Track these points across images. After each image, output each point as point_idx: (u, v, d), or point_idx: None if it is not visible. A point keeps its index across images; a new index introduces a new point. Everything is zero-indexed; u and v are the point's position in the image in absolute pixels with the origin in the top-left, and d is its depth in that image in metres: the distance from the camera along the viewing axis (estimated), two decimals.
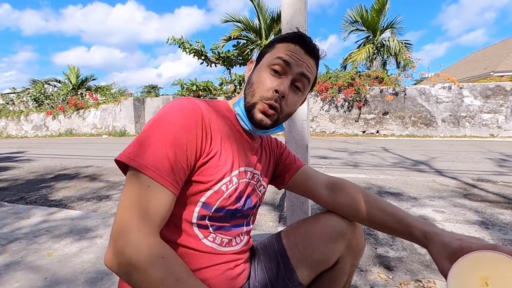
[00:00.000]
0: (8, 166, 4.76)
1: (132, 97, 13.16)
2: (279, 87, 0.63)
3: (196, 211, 0.62)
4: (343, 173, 3.68)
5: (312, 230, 0.75)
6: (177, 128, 0.56)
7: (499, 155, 5.06)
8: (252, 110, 0.65)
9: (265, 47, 0.71)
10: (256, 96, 0.65)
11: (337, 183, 0.80)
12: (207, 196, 0.61)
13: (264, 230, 1.91)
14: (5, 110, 15.40)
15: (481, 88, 9.10)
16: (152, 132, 0.56)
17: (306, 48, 0.66)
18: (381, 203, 0.74)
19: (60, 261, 1.41)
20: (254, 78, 0.67)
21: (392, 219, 0.70)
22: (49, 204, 2.50)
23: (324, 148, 6.42)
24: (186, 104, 0.60)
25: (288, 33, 0.70)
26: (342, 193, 0.77)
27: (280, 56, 0.64)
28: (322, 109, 10.75)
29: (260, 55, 0.71)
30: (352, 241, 0.75)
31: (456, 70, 19.05)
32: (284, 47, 0.66)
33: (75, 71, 16.58)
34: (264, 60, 0.68)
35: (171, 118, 0.57)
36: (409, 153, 5.39)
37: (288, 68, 0.64)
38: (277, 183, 0.86)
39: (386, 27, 13.44)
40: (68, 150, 7.17)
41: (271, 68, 0.65)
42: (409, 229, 0.66)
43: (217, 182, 0.62)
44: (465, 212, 2.15)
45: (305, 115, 1.29)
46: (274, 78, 0.65)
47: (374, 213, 0.72)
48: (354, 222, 0.76)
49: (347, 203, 0.75)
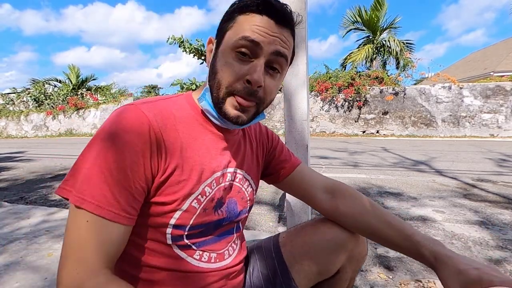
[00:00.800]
0: (8, 166, 4.76)
1: (132, 97, 13.17)
2: (252, 76, 0.51)
3: (168, 233, 0.54)
4: (343, 173, 3.68)
5: (312, 242, 0.70)
6: (117, 149, 0.46)
7: (499, 155, 5.06)
8: (222, 106, 0.54)
9: (224, 20, 0.55)
10: (224, 89, 0.52)
11: (338, 189, 0.72)
12: (177, 217, 0.53)
13: (264, 230, 1.91)
14: (5, 110, 15.39)
15: (481, 88, 9.10)
16: (87, 155, 0.47)
17: (276, 18, 0.52)
18: (387, 215, 0.67)
19: None
20: (217, 65, 0.53)
21: (399, 235, 0.63)
22: (49, 204, 2.50)
23: (324, 148, 6.42)
24: (128, 117, 0.49)
25: (250, 0, 0.53)
26: (343, 201, 0.70)
27: (246, 36, 0.51)
28: (322, 109, 10.74)
29: (219, 32, 0.56)
30: (354, 251, 0.70)
31: (456, 70, 19.04)
32: (248, 20, 0.52)
33: (76, 71, 16.60)
34: (226, 40, 0.53)
35: (109, 137, 0.47)
36: (409, 153, 5.39)
37: (259, 49, 0.51)
38: (270, 180, 0.77)
39: (386, 27, 13.45)
40: (68, 150, 7.17)
41: (237, 51, 0.52)
42: (417, 248, 0.60)
43: (184, 200, 0.53)
44: (465, 212, 2.14)
45: (305, 115, 1.29)
46: (242, 63, 0.52)
47: (379, 227, 0.66)
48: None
49: (350, 213, 0.68)
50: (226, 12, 0.57)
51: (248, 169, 0.67)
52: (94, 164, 0.46)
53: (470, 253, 1.51)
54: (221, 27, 0.56)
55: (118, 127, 0.48)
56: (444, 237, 1.73)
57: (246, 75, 0.51)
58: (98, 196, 0.45)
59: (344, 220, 0.69)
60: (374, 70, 11.68)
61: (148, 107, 0.52)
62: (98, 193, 0.45)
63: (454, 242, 1.64)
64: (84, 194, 0.45)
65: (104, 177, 0.45)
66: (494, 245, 1.58)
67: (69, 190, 0.46)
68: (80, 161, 0.48)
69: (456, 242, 1.64)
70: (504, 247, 1.56)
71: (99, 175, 0.45)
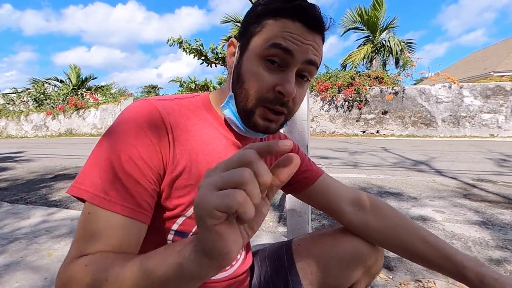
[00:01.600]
0: (8, 166, 4.76)
1: (132, 97, 13.17)
2: (284, 87, 0.47)
3: (169, 239, 0.52)
4: (343, 173, 3.68)
5: (329, 253, 0.66)
6: (128, 139, 0.45)
7: (499, 155, 5.06)
8: (251, 117, 0.51)
9: (249, 23, 0.51)
10: (253, 99, 0.49)
11: (367, 201, 0.67)
12: (179, 223, 0.51)
13: (264, 230, 1.90)
14: (5, 110, 15.41)
15: (481, 88, 9.10)
16: (98, 150, 0.46)
17: (309, 23, 0.48)
18: (422, 231, 0.63)
19: (60, 261, 1.40)
20: (244, 73, 0.50)
21: (438, 254, 0.60)
22: (49, 204, 2.50)
23: (324, 148, 6.42)
24: (141, 110, 0.48)
25: (279, 2, 0.48)
26: (373, 215, 0.66)
27: (278, 43, 0.47)
28: (322, 109, 10.75)
29: (244, 35, 0.52)
30: (372, 268, 0.67)
31: (456, 70, 19.05)
32: (279, 26, 0.47)
33: (76, 71, 16.62)
34: (253, 46, 0.49)
35: (118, 129, 0.46)
36: (409, 153, 5.39)
37: (291, 58, 0.47)
38: (289, 190, 0.72)
39: (386, 27, 13.46)
40: (68, 150, 7.17)
41: (267, 59, 0.48)
42: (460, 270, 0.57)
43: (189, 206, 0.51)
44: (465, 212, 2.14)
45: (305, 115, 1.29)
46: (273, 72, 0.48)
47: (414, 244, 0.62)
48: (378, 246, 0.67)
49: (380, 228, 0.64)
50: (250, 12, 0.52)
51: None
52: (106, 158, 0.44)
53: (470, 253, 1.51)
54: (245, 29, 0.52)
55: (131, 118, 0.47)
56: (444, 237, 1.73)
57: (277, 86, 0.48)
58: (108, 188, 0.43)
59: (372, 235, 0.66)
60: (374, 70, 11.70)
61: (162, 104, 0.51)
62: (108, 186, 0.43)
63: (454, 242, 1.64)
64: (90, 187, 0.43)
65: (115, 170, 0.44)
66: (494, 245, 1.58)
67: (76, 187, 0.44)
68: (91, 157, 0.46)
69: (456, 242, 1.64)
70: (504, 247, 1.56)
71: (109, 169, 0.44)
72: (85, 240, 0.42)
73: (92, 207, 0.43)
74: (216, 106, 0.57)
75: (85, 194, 0.43)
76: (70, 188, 0.45)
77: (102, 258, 0.40)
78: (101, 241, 0.41)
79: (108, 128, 0.48)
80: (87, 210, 0.43)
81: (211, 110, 0.57)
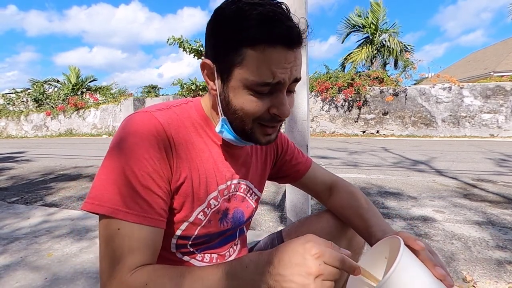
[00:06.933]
0: (8, 166, 4.76)
1: (132, 97, 13.16)
2: (280, 110, 0.50)
3: (173, 243, 0.57)
4: (343, 173, 3.68)
5: (314, 229, 0.73)
6: (140, 154, 0.47)
7: (499, 155, 5.06)
8: (252, 136, 0.54)
9: (225, 48, 0.48)
10: (249, 123, 0.52)
11: (334, 184, 0.78)
12: (183, 229, 0.56)
13: (264, 230, 1.91)
14: (5, 110, 15.40)
15: (481, 88, 9.10)
16: (110, 166, 0.48)
17: (291, 43, 0.47)
18: (361, 210, 0.70)
19: (60, 261, 1.41)
20: (234, 102, 0.50)
21: (364, 225, 0.67)
22: (49, 204, 2.50)
23: (324, 148, 6.42)
24: (144, 124, 0.50)
25: (256, 26, 0.45)
26: (334, 196, 0.76)
27: (267, 82, 0.47)
28: (322, 109, 10.74)
29: (221, 61, 0.50)
30: (352, 241, 0.75)
31: (456, 70, 19.04)
32: (261, 59, 0.46)
33: (76, 72, 16.62)
34: (237, 78, 0.48)
35: (127, 145, 0.48)
36: (409, 153, 5.39)
37: (281, 85, 0.49)
38: (285, 181, 0.81)
39: (385, 28, 13.47)
40: (68, 150, 7.17)
41: (256, 90, 0.49)
42: (369, 231, 0.64)
43: (191, 212, 0.55)
44: (465, 212, 2.14)
45: (305, 115, 1.29)
46: (264, 97, 0.50)
47: (353, 219, 0.71)
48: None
49: (337, 206, 0.75)
50: (222, 34, 0.49)
51: (252, 178, 0.68)
52: (121, 173, 0.47)
53: (470, 253, 1.51)
54: (219, 54, 0.50)
55: (137, 132, 0.49)
56: (444, 237, 1.73)
57: (272, 108, 0.51)
58: (130, 204, 0.46)
59: (337, 214, 0.76)
60: (374, 70, 11.69)
61: (161, 115, 0.53)
62: (130, 201, 0.46)
63: (454, 242, 1.64)
64: (115, 204, 0.46)
65: (132, 185, 0.47)
66: (494, 245, 1.58)
67: (97, 204, 0.46)
68: (103, 172, 0.48)
69: (456, 242, 1.64)
70: (504, 247, 1.56)
71: (127, 184, 0.47)
72: (124, 255, 0.45)
73: (121, 223, 0.46)
74: (208, 113, 0.59)
75: (106, 209, 0.46)
76: (85, 204, 0.47)
77: (157, 277, 0.44)
78: (140, 253, 0.46)
79: (114, 142, 0.50)
80: (115, 226, 0.46)
81: (204, 117, 0.59)
